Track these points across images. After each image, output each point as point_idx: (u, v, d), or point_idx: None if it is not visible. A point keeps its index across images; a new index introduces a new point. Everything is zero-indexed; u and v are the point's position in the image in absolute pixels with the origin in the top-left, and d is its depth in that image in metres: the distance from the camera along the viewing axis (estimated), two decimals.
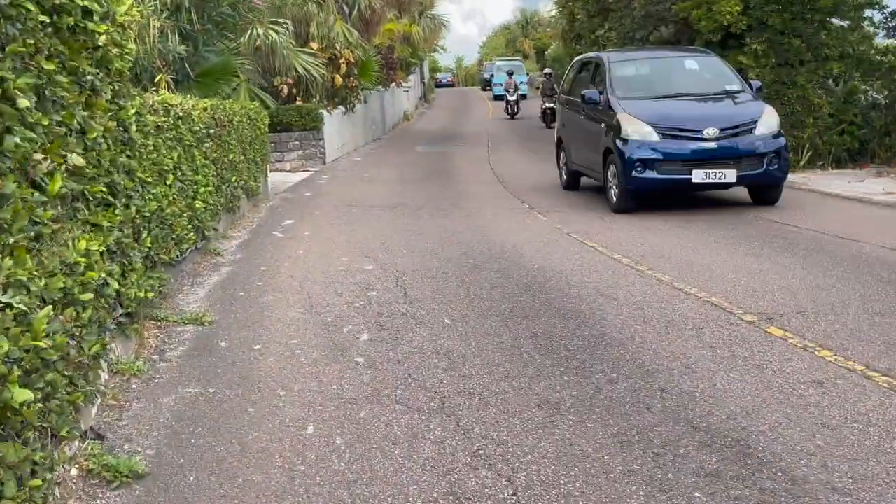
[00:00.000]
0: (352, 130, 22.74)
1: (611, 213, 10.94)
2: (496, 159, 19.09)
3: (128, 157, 5.52)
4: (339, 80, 20.44)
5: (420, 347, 5.45)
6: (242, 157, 11.54)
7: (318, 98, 20.01)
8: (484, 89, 52.96)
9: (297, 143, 18.74)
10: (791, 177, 14.95)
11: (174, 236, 7.18)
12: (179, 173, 7.48)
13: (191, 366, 5.24)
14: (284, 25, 18.52)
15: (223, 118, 10.19)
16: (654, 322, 5.80)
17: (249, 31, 17.33)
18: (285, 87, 19.04)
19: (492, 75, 50.91)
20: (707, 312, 6.01)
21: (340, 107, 21.41)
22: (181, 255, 7.63)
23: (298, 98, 19.50)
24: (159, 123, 6.72)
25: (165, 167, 6.82)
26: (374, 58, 24.26)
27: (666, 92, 11.69)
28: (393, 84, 30.93)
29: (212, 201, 9.10)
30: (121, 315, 5.16)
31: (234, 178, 10.77)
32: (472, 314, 6.20)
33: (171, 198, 7.03)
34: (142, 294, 5.48)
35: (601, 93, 11.63)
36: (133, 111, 5.61)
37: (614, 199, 10.91)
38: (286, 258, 8.70)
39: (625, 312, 6.09)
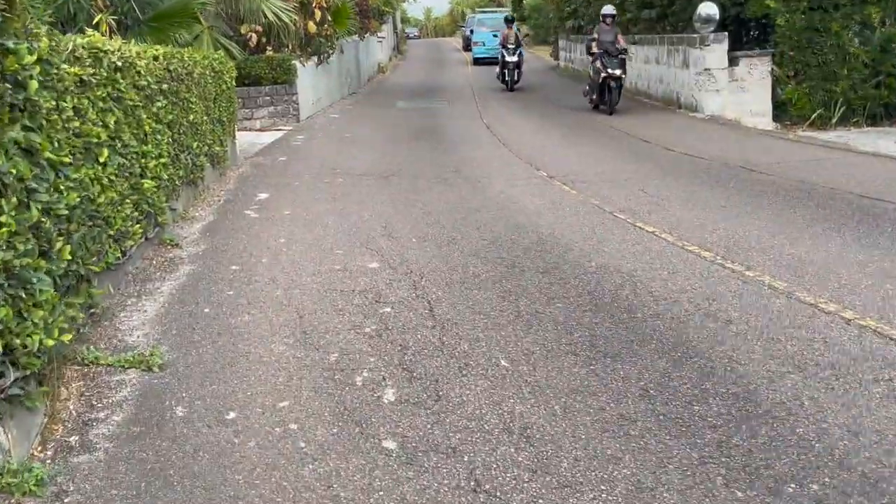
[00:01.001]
0: (327, 84, 20.57)
1: (648, 180, 9.08)
2: (491, 118, 17.08)
3: (24, 129, 3.53)
4: (312, 27, 18.21)
5: (478, 417, 3.59)
6: (206, 118, 9.49)
7: (290, 48, 17.80)
8: (467, 49, 41.93)
9: (267, 98, 16.59)
10: (825, 135, 13.21)
11: (112, 233, 5.20)
12: (119, 145, 5.47)
13: (126, 465, 3.32)
14: None
15: (181, 70, 8.13)
16: (811, 372, 3.97)
17: None
18: (254, 35, 16.81)
19: (472, 31, 39.50)
20: None
21: (314, 58, 19.21)
22: (124, 255, 5.65)
23: (268, 48, 17.29)
24: (84, 77, 4.70)
25: (95, 139, 4.81)
26: (350, 3, 21.97)
27: None
28: (367, 34, 28.63)
29: (167, 175, 7.10)
30: (12, 384, 3.23)
31: (195, 143, 8.74)
32: (538, 351, 4.33)
33: (105, 180, 5.04)
34: (52, 340, 3.54)
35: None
36: (33, 58, 3.61)
37: None
38: (264, 250, 6.74)
39: (758, 348, 4.25)
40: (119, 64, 5.47)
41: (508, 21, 23.68)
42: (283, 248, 6.81)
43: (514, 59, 22.24)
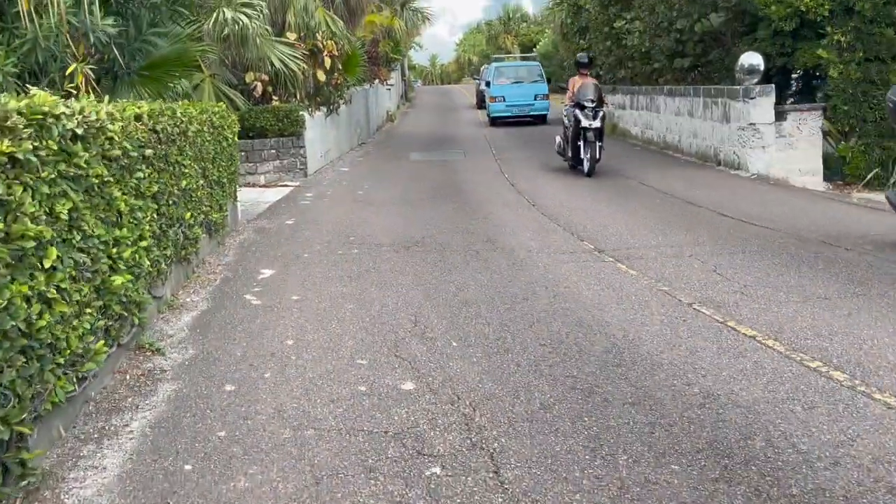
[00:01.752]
0: (336, 135, 19.33)
1: (716, 258, 7.68)
2: (512, 173, 15.77)
3: None
4: (321, 75, 17.01)
5: None
6: (202, 182, 8.15)
7: (297, 98, 16.57)
8: (481, 106, 34.30)
9: (272, 151, 15.30)
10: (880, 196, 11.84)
11: (62, 361, 3.79)
12: (78, 238, 4.09)
13: None
14: (258, 8, 15.04)
15: (172, 129, 6.80)
16: None
17: (215, 15, 13.85)
18: (259, 84, 15.62)
19: (487, 83, 30.68)
20: None
21: (323, 108, 18.00)
22: (82, 383, 4.24)
23: (274, 98, 16.07)
24: (18, 155, 3.33)
25: (35, 240, 3.43)
26: (360, 51, 20.84)
27: None
28: (376, 81, 27.55)
29: (150, 261, 5.71)
30: None
31: (189, 214, 7.38)
32: None
33: (53, 292, 3.64)
34: None
35: None
36: None
37: None
38: (267, 359, 5.33)
39: None
40: (79, 131, 4.10)
41: (584, 64, 15.61)
42: (292, 354, 5.40)
43: (597, 123, 14.03)
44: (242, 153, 14.79)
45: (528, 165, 16.85)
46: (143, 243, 5.55)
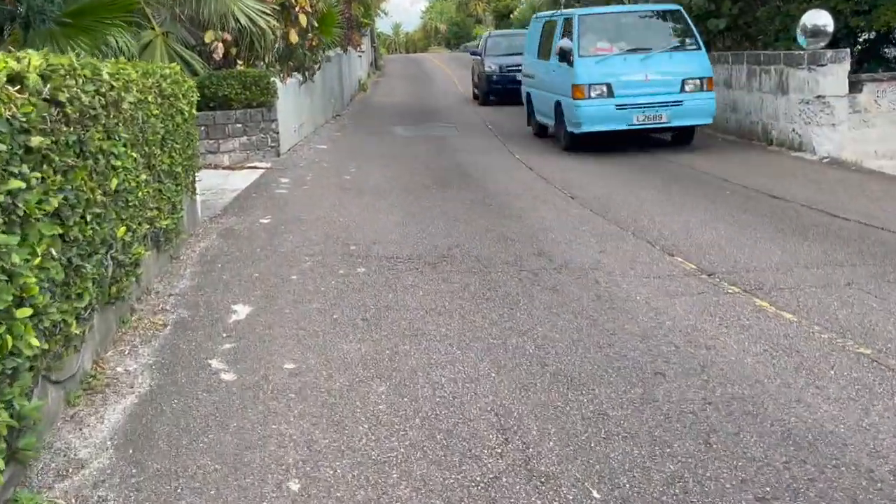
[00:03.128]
0: (310, 106, 16.60)
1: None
2: (522, 153, 13.25)
3: None
4: (294, 36, 14.25)
5: None
6: (146, 175, 5.53)
7: (266, 62, 13.81)
8: (485, 101, 22.85)
9: (238, 126, 12.57)
10: None
11: None
12: None
13: None
14: None
15: (91, 100, 4.18)
16: None
17: None
18: (220, 44, 12.82)
19: (483, 62, 22.74)
20: None
21: (296, 74, 15.26)
22: None
23: (239, 61, 13.30)
24: None
25: None
26: (337, 7, 18.03)
27: None
28: (349, 47, 24.75)
29: (35, 342, 3.13)
30: None
31: (123, 228, 4.76)
32: None
33: None
34: None
35: None
36: None
37: None
38: None
39: None
40: None
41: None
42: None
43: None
44: (202, 128, 12.08)
45: (537, 143, 14.30)
46: (23, 312, 2.96)
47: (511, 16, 42.54)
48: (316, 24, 15.53)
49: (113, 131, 4.71)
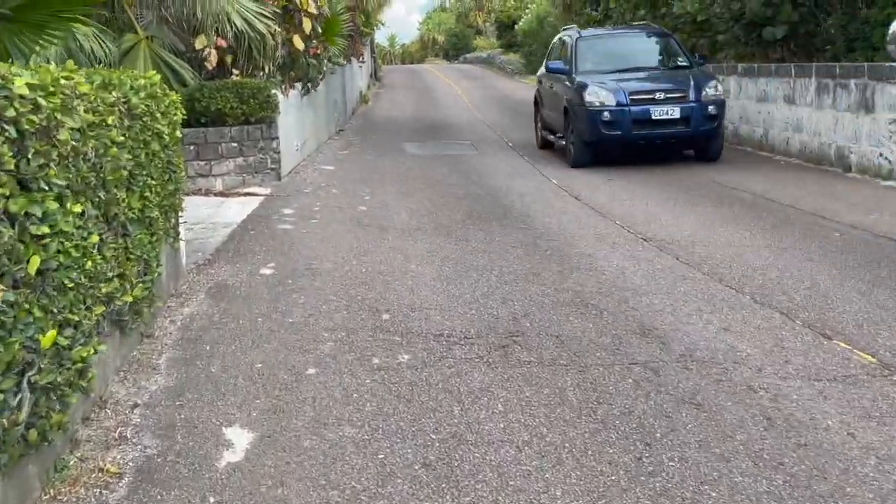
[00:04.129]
0: (314, 120, 14.76)
1: None
2: (560, 177, 11.44)
3: None
4: (299, 42, 12.43)
5: None
6: (101, 234, 3.67)
7: (265, 71, 11.96)
8: (574, 149, 12.24)
9: (234, 145, 10.71)
10: None
11: None
12: None
13: None
14: None
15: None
16: None
17: None
18: (214, 51, 11.02)
19: (579, 87, 12.01)
20: None
21: (298, 85, 13.42)
22: None
23: (235, 70, 11.47)
24: None
25: None
26: (343, 15, 16.21)
27: None
28: (352, 57, 22.94)
29: None
30: None
31: (51, 334, 2.91)
32: None
33: None
34: None
35: None
36: None
37: None
38: None
39: None
40: None
41: None
42: None
43: None
44: (192, 147, 10.26)
45: (564, 162, 12.49)
46: None
47: (515, 26, 40.75)
48: (321, 31, 13.72)
49: (34, 179, 2.86)
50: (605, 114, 11.45)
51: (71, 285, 3.31)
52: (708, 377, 4.16)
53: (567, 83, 12.52)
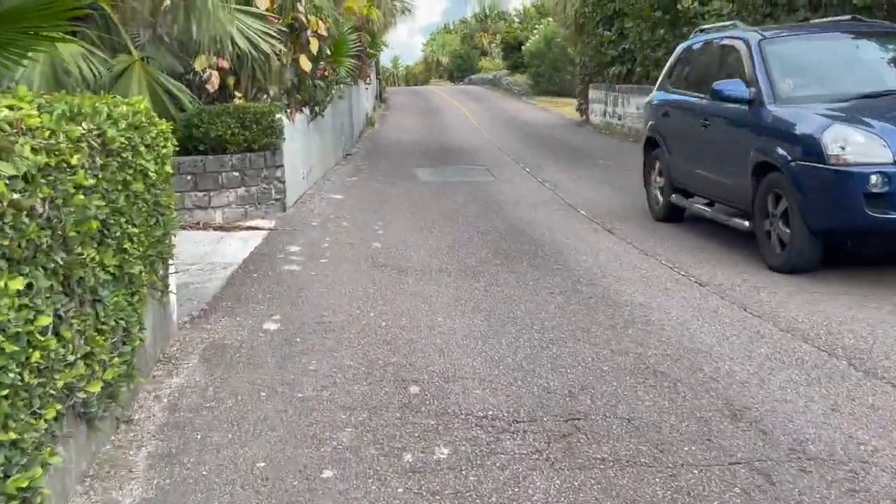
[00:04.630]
0: (320, 146, 13.88)
1: None
2: (589, 209, 10.52)
3: None
4: (306, 63, 11.56)
5: None
6: (56, 308, 2.73)
7: (270, 94, 11.09)
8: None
9: (235, 174, 9.82)
10: None
11: None
12: None
13: None
14: None
15: None
16: None
17: None
18: (215, 73, 10.15)
19: (764, 107, 7.14)
20: None
21: (305, 109, 12.55)
22: None
23: (237, 93, 10.59)
24: None
25: None
26: (351, 35, 15.38)
27: None
28: (359, 79, 22.13)
29: None
30: None
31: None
32: None
33: None
34: None
35: None
36: None
37: None
38: None
39: None
40: None
41: None
42: None
43: None
44: (189, 177, 9.39)
45: (592, 187, 11.60)
46: None
47: (522, 48, 40.01)
48: (329, 52, 12.87)
49: None
50: (874, 178, 6.10)
51: (5, 392, 2.39)
52: (836, 486, 3.23)
53: (755, 117, 7.26)
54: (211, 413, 4.11)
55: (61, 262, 3.04)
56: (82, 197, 3.27)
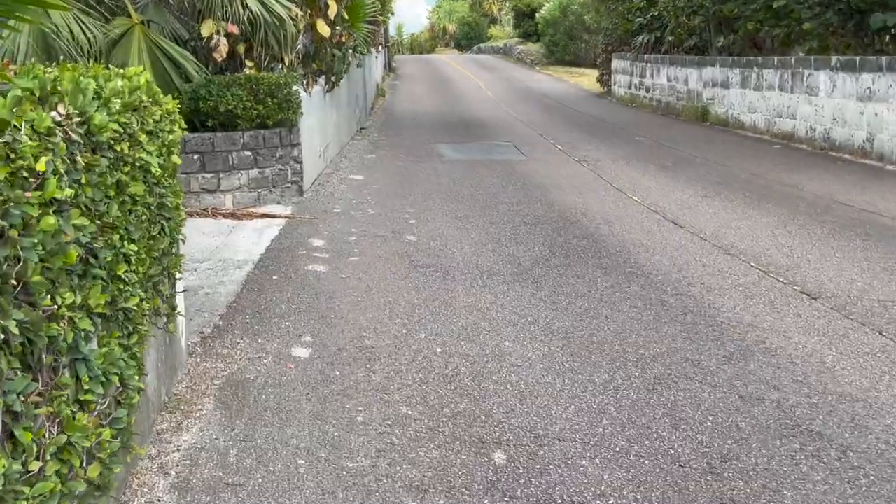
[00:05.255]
0: (336, 120, 12.74)
1: None
2: (642, 192, 9.46)
3: None
4: (324, 28, 10.39)
5: None
6: (23, 385, 1.60)
7: (284, 63, 9.91)
8: None
9: (247, 154, 8.69)
10: None
11: None
12: None
13: None
14: None
15: None
16: None
17: None
18: (224, 39, 8.99)
19: None
20: None
21: (321, 79, 11.39)
22: None
23: (249, 62, 9.41)
24: None
25: None
26: None
27: None
28: (372, 47, 20.89)
29: None
30: None
31: None
32: None
33: None
34: None
35: None
36: None
37: None
38: None
39: None
40: None
41: None
42: None
43: None
44: (196, 156, 8.30)
45: (636, 169, 10.50)
46: None
47: (536, 15, 38.52)
48: (346, 16, 11.68)
49: None
50: None
51: None
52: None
53: None
54: (235, 496, 3.03)
55: (16, 329, 1.95)
56: (53, 220, 2.17)
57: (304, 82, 10.00)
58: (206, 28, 8.99)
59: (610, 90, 23.46)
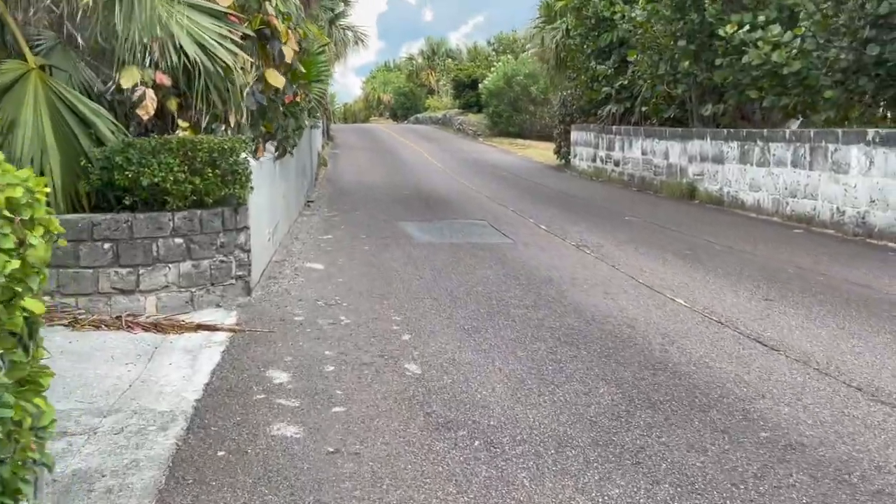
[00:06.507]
0: (284, 193, 10.49)
1: None
2: (660, 284, 7.43)
3: None
4: (276, 79, 8.19)
5: None
6: None
7: (228, 123, 7.63)
8: None
9: (178, 241, 6.36)
10: None
11: None
12: None
13: None
14: None
15: None
16: None
17: None
18: (150, 91, 6.71)
19: None
20: None
21: (269, 145, 9.17)
22: None
23: (182, 123, 7.10)
24: None
25: None
26: (320, 55, 12.07)
27: None
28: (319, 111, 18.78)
29: None
30: None
31: None
32: None
33: None
34: None
35: None
36: None
37: None
38: None
39: None
40: None
41: None
42: None
43: None
44: (107, 245, 5.99)
45: (668, 270, 8.52)
46: None
47: (480, 85, 37.08)
48: (302, 69, 9.54)
49: None
50: None
51: None
52: None
53: None
54: None
55: None
56: None
57: (254, 147, 7.77)
58: (128, 77, 6.77)
59: (569, 163, 21.80)
